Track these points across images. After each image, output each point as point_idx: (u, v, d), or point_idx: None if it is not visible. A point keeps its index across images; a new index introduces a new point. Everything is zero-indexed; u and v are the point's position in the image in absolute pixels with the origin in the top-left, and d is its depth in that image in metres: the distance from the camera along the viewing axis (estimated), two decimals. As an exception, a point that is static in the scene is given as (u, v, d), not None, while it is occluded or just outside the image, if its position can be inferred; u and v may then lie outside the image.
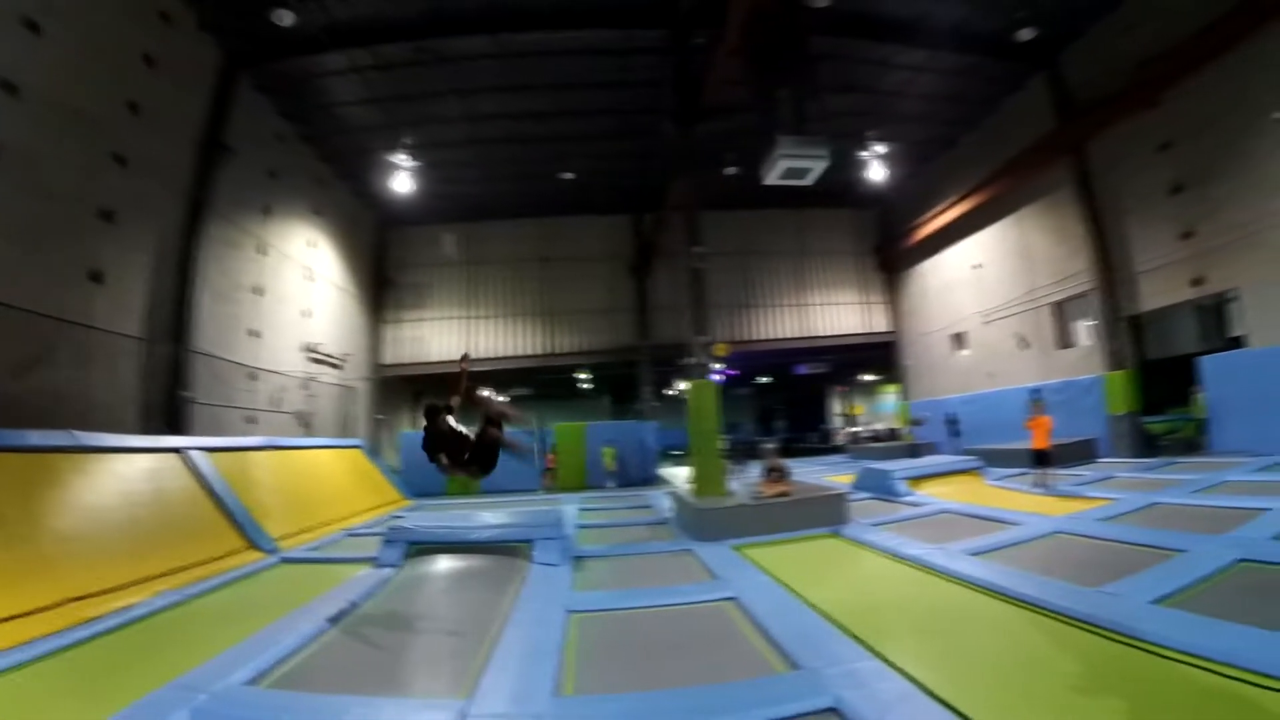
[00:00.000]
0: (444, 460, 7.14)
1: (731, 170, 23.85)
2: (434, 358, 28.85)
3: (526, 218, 29.41)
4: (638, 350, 29.49)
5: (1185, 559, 7.27)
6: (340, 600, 7.53)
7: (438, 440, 7.20)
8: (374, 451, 22.13)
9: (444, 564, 9.50)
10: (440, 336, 29.04)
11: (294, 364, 20.87)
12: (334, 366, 23.42)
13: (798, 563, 8.87)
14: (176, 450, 11.63)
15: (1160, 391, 19.12)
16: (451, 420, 7.36)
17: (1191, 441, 17.93)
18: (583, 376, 37.44)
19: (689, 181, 17.33)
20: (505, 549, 9.55)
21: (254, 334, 18.73)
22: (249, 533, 11.16)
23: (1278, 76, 14.81)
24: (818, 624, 6.13)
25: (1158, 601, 6.01)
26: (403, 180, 21.39)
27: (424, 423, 7.31)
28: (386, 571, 9.05)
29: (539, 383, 36.54)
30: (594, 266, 29.95)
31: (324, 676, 5.45)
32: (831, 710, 4.35)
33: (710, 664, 5.39)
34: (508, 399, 39.31)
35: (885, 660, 5.10)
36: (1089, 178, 19.99)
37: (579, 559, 9.67)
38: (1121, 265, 19.41)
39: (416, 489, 20.44)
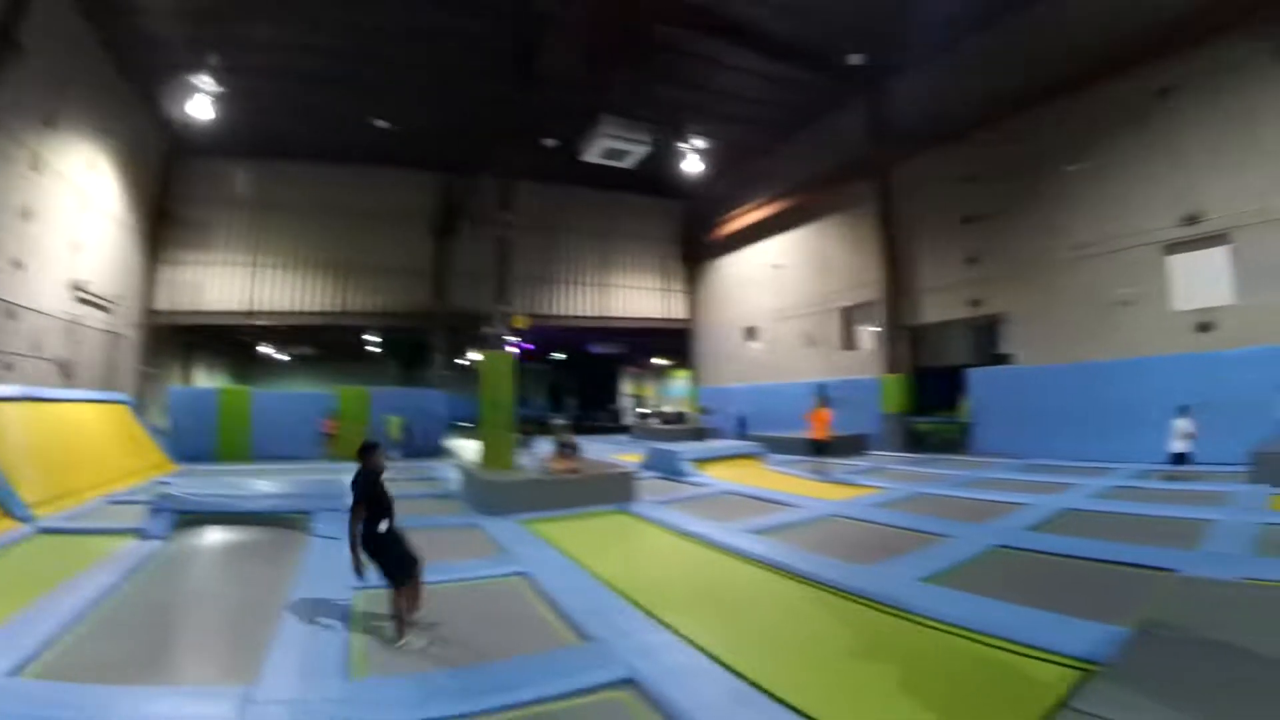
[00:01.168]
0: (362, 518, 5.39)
1: (552, 143, 23.42)
2: (212, 306, 25.87)
3: (329, 163, 26.99)
4: (433, 315, 28.20)
5: (950, 543, 7.87)
6: (106, 577, 6.60)
7: (375, 486, 5.51)
8: (141, 409, 19.69)
9: (216, 536, 8.65)
10: (221, 283, 26.02)
11: (58, 303, 17.93)
12: (102, 309, 20.52)
13: (587, 538, 8.80)
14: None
15: (930, 395, 20.89)
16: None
17: (955, 441, 19.67)
18: (372, 339, 35.40)
19: (508, 147, 16.75)
20: (283, 520, 8.85)
21: (16, 265, 15.90)
22: (1, 498, 9.57)
23: (1072, 137, 16.67)
24: (608, 598, 6.10)
25: (925, 579, 6.45)
26: (203, 105, 19.07)
27: (364, 458, 5.55)
28: (155, 544, 8.07)
29: (324, 343, 34.28)
30: (395, 223, 28.11)
31: (94, 664, 4.70)
32: (627, 681, 4.30)
33: (503, 639, 5.21)
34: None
35: (675, 631, 5.15)
36: (892, 198, 21.47)
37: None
38: (909, 281, 21.08)
39: (185, 453, 18.57)
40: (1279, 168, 13.22)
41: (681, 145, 23.20)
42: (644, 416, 37.12)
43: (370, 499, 5.40)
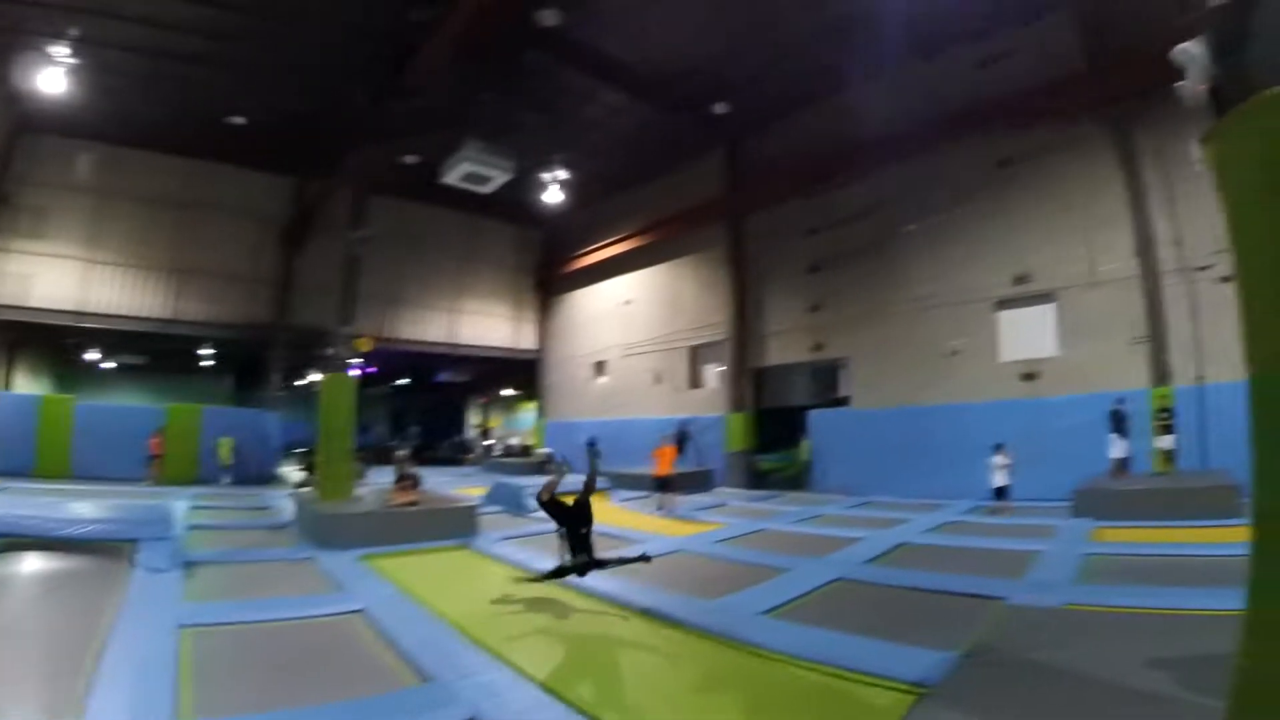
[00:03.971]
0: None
1: (412, 159, 22.80)
2: (39, 303, 22.75)
3: (179, 155, 24.53)
4: (273, 330, 26.27)
5: (790, 576, 8.05)
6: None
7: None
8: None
9: (34, 563, 7.83)
10: (51, 277, 22.89)
11: None
12: None
13: (427, 574, 8.54)
14: None
15: (773, 434, 21.57)
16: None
17: (795, 479, 20.35)
18: (206, 351, 32.90)
19: (367, 158, 16.15)
20: (106, 548, 8.09)
21: None
22: None
23: (915, 201, 17.82)
24: (449, 636, 5.92)
25: (767, 613, 6.58)
26: (56, 79, 17.24)
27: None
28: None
29: (156, 352, 31.58)
30: (243, 227, 25.92)
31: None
32: (469, 721, 4.17)
33: (340, 680, 5.01)
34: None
35: (518, 670, 5.04)
36: (744, 243, 22.24)
37: (190, 564, 8.43)
38: (755, 323, 21.85)
39: (-4, 466, 16.82)
40: (1100, 238, 14.74)
41: (543, 175, 23.18)
42: (489, 449, 36.39)
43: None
